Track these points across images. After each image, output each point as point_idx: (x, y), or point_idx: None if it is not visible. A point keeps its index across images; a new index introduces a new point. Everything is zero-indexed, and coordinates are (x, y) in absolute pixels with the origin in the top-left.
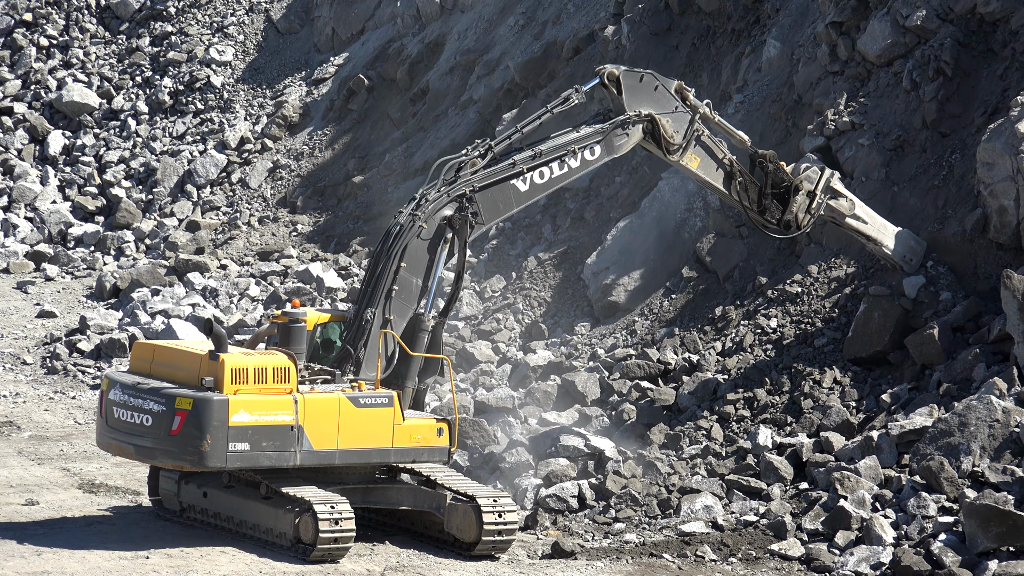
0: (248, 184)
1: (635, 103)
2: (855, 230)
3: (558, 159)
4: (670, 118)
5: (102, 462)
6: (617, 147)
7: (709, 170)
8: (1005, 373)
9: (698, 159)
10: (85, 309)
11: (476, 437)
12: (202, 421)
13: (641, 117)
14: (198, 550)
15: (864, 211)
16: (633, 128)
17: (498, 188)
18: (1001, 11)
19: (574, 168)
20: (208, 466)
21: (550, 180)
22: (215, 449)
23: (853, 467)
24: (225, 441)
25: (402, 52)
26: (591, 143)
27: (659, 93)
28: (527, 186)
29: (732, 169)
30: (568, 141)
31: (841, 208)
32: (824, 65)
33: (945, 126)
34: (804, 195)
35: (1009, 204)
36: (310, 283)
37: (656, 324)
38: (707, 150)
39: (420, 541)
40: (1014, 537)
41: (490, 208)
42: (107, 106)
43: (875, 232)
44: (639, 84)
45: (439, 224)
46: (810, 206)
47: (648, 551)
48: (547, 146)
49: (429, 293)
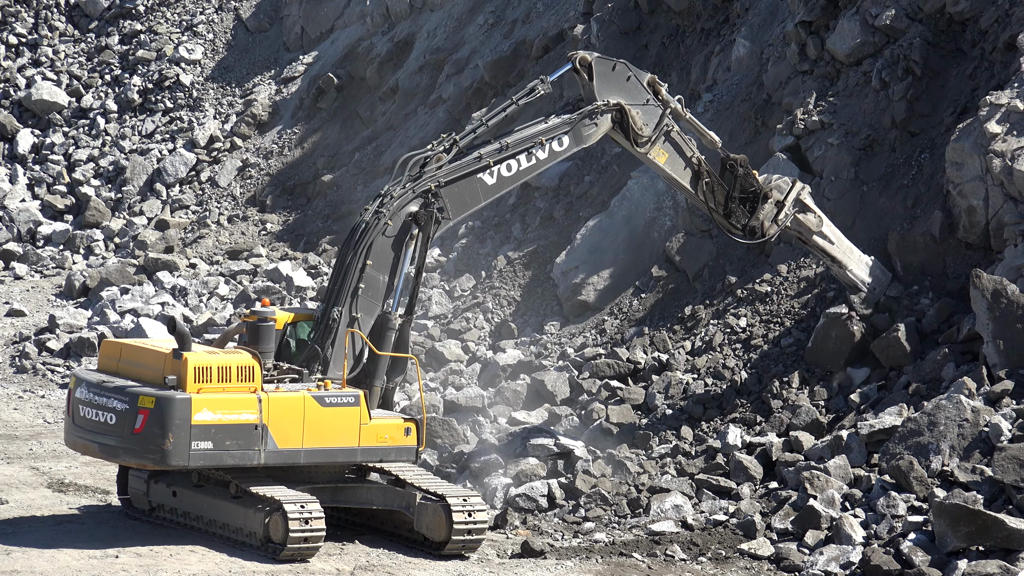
0: (217, 183)
1: (605, 91)
2: (820, 249)
3: (525, 151)
4: (640, 110)
5: (71, 461)
6: (586, 137)
7: (676, 167)
8: (974, 372)
9: (666, 155)
10: (54, 308)
11: (446, 436)
12: (164, 420)
13: (610, 106)
14: (167, 549)
15: (831, 231)
16: (602, 118)
17: (465, 182)
18: (970, 10)
19: (542, 160)
20: (170, 464)
21: (518, 172)
22: (177, 448)
23: (823, 466)
24: (188, 440)
25: (371, 51)
26: (559, 134)
27: (631, 84)
28: (494, 179)
29: (700, 168)
30: (536, 132)
31: (808, 223)
32: (793, 64)
33: (914, 125)
34: (772, 204)
35: (978, 204)
36: (279, 282)
37: (626, 323)
38: (676, 147)
39: (390, 540)
40: (983, 536)
41: (457, 203)
42: (76, 104)
43: (840, 254)
44: (611, 72)
45: (404, 220)
46: (777, 216)
47: (618, 550)
48: (514, 138)
49: (396, 291)
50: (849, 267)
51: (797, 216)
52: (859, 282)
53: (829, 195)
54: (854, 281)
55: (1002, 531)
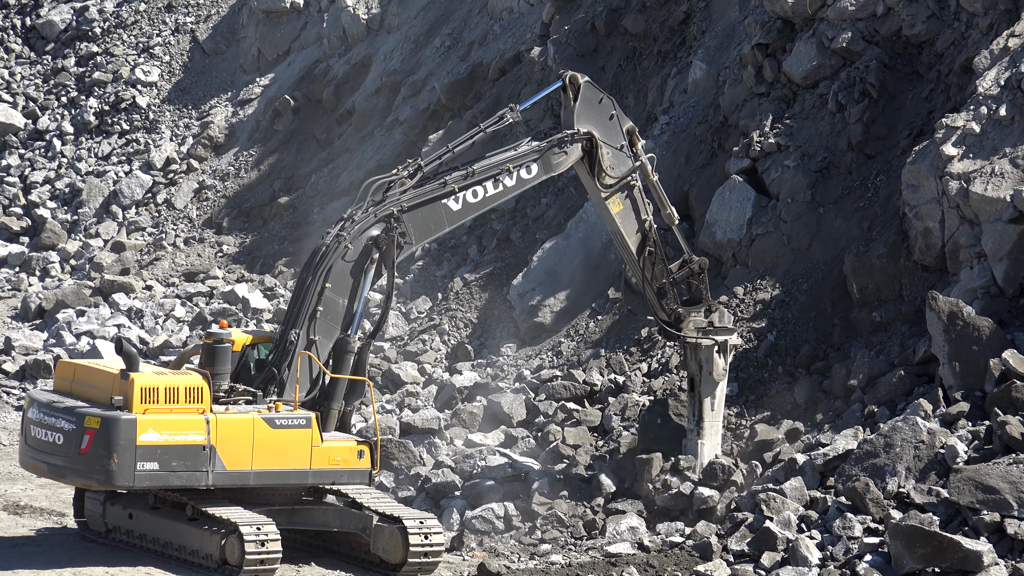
0: (174, 205)
1: (584, 120)
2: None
3: (492, 178)
4: (611, 151)
5: (27, 483)
6: (555, 165)
7: (628, 225)
8: (930, 394)
9: (621, 207)
10: (10, 330)
11: (402, 458)
12: (110, 440)
13: (582, 136)
14: (123, 571)
15: (720, 400)
16: (572, 147)
17: (429, 208)
18: (926, 33)
19: (509, 187)
20: (116, 485)
21: (484, 199)
22: (122, 468)
23: (779, 488)
24: (133, 460)
25: (328, 73)
26: (528, 161)
27: (611, 123)
28: (459, 205)
29: (649, 236)
30: (504, 159)
31: (716, 366)
32: (750, 87)
33: (870, 148)
34: (707, 320)
35: (934, 226)
36: (235, 304)
37: (582, 345)
38: (634, 204)
39: (346, 562)
40: (939, 558)
41: (420, 228)
42: (32, 126)
43: (707, 420)
44: (596, 104)
45: (365, 244)
46: (703, 329)
47: (574, 572)
48: (481, 165)
49: (356, 314)
50: (704, 442)
51: (714, 354)
52: (697, 452)
53: (785, 217)
54: (696, 448)
55: (958, 552)
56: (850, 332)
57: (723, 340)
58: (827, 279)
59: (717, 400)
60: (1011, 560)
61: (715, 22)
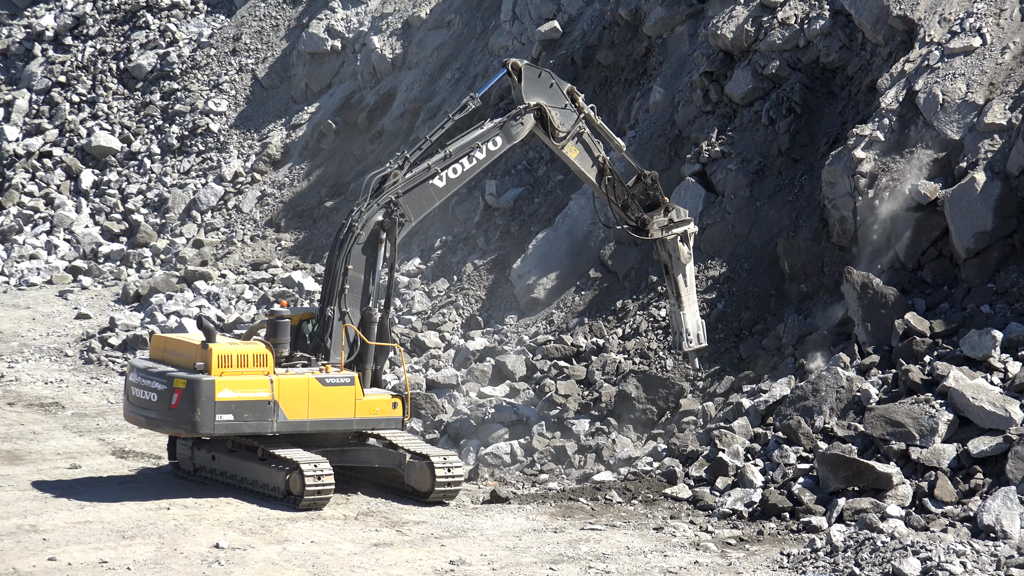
0: (241, 209)
1: (531, 93)
2: (675, 283)
3: (466, 155)
4: (559, 112)
5: (130, 433)
6: (515, 135)
7: (585, 163)
8: (848, 349)
9: (577, 151)
10: (113, 312)
11: (428, 408)
12: (194, 397)
13: (531, 107)
14: (208, 501)
15: (691, 275)
16: (526, 116)
17: (419, 189)
18: (839, 60)
19: (481, 160)
20: (199, 433)
21: (463, 173)
22: (205, 419)
23: (729, 426)
24: (213, 413)
25: (362, 101)
26: (492, 136)
27: (553, 90)
28: (444, 183)
29: (604, 167)
30: (473, 138)
31: (682, 253)
32: (699, 106)
33: (796, 153)
34: (666, 217)
35: (848, 215)
36: (293, 287)
37: (569, 315)
38: (586, 147)
39: (385, 492)
40: (858, 479)
41: (415, 207)
42: (127, 149)
43: (686, 297)
44: (537, 78)
45: (373, 229)
46: (665, 227)
47: (567, 496)
48: (455, 146)
49: (375, 288)
50: (685, 312)
51: (678, 243)
52: (684, 330)
53: (729, 210)
54: (681, 327)
55: (872, 475)
56: (783, 301)
57: (683, 231)
58: (764, 259)
59: (688, 278)
60: (915, 480)
61: (670, 55)
